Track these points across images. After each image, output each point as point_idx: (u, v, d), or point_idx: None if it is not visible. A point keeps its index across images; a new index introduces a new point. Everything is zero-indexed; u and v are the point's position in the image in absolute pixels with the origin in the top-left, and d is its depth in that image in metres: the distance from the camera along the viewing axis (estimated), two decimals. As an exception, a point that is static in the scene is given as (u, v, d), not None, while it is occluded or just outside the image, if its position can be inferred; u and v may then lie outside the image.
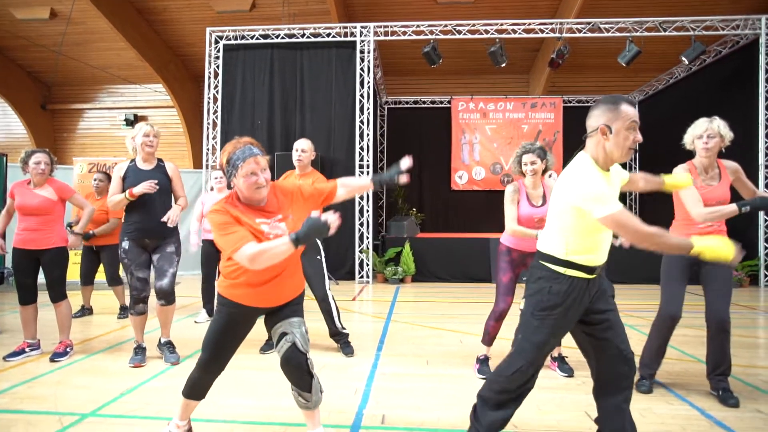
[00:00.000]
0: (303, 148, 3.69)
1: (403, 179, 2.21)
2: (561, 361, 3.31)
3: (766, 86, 7.52)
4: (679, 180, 2.45)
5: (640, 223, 1.66)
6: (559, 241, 1.85)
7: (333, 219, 1.72)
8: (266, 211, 1.96)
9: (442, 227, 11.20)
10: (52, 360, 3.44)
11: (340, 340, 3.75)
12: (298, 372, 1.96)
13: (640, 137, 1.78)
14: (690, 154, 2.91)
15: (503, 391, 1.93)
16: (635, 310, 5.50)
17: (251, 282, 1.95)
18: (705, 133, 2.74)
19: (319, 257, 3.71)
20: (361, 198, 8.14)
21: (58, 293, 3.57)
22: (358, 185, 2.29)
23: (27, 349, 3.59)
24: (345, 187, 2.22)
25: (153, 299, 3.46)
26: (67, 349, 3.57)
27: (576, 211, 1.76)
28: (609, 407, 1.93)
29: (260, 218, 1.93)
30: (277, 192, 2.05)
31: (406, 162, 2.21)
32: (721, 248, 1.66)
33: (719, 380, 2.77)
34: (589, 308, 1.90)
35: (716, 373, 2.78)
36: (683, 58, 8.26)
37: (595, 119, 1.81)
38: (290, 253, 1.77)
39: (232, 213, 1.88)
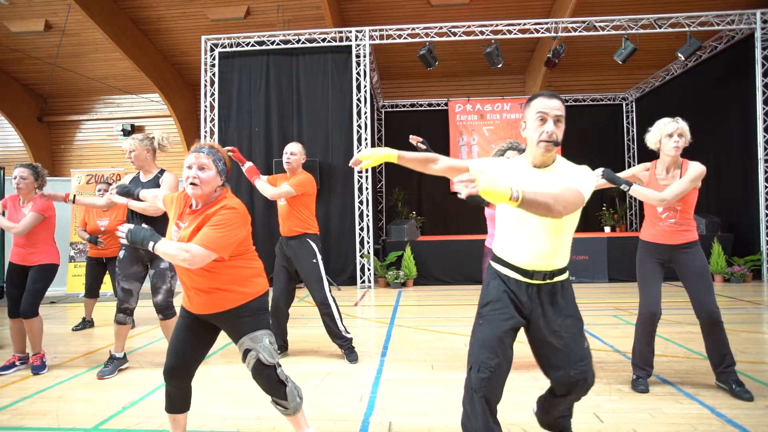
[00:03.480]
0: (292, 151, 3.70)
1: None
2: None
3: (763, 80, 7.52)
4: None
5: (448, 158, 2.00)
6: (495, 236, 1.91)
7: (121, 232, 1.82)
8: (193, 214, 1.98)
9: (442, 230, 11.18)
10: (34, 373, 3.42)
11: (344, 345, 3.69)
12: (269, 383, 2.00)
13: (549, 128, 1.68)
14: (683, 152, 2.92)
15: (472, 409, 1.73)
16: (634, 308, 5.46)
17: (184, 289, 2.02)
18: (675, 132, 2.76)
19: (315, 260, 3.65)
20: (361, 203, 8.12)
21: (30, 307, 3.44)
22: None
23: (17, 363, 3.58)
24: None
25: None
26: (44, 360, 3.56)
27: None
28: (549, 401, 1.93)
29: (180, 221, 2.00)
30: (217, 201, 1.97)
31: None
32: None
33: (729, 373, 2.76)
34: (540, 324, 1.77)
35: (724, 366, 2.77)
36: (679, 55, 8.26)
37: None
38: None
39: (177, 195, 2.08)
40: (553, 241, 1.74)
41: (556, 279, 1.78)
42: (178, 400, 2.08)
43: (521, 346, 2.14)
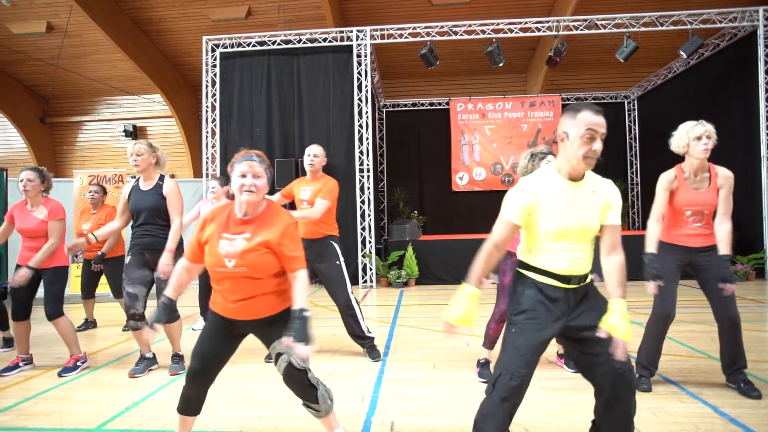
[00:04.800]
0: (315, 153, 3.68)
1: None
2: (568, 356, 3.28)
3: (765, 78, 7.48)
4: (615, 328, 1.73)
5: (492, 238, 1.81)
6: (524, 244, 1.87)
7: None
8: (245, 225, 1.97)
9: (444, 229, 11.17)
10: (60, 375, 3.42)
11: (366, 344, 3.72)
12: (301, 387, 2.01)
13: (597, 147, 1.67)
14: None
15: (492, 413, 1.75)
16: (641, 306, 5.45)
17: (220, 294, 2.02)
18: (704, 134, 2.75)
19: (338, 262, 3.66)
20: (362, 202, 8.12)
21: (54, 310, 3.49)
22: (296, 296, 1.96)
23: (21, 364, 3.60)
24: (295, 286, 1.95)
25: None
26: (78, 363, 3.55)
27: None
28: (611, 425, 1.83)
29: (228, 233, 1.95)
30: (271, 213, 2.01)
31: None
32: (456, 313, 1.80)
33: (738, 374, 2.76)
34: (574, 324, 1.79)
35: (734, 368, 2.77)
36: (681, 53, 8.24)
37: (559, 126, 1.79)
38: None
39: (207, 219, 2.03)
40: (587, 248, 1.80)
41: (587, 281, 1.84)
42: (194, 402, 2.10)
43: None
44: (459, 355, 3.73)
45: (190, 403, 2.09)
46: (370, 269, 8.01)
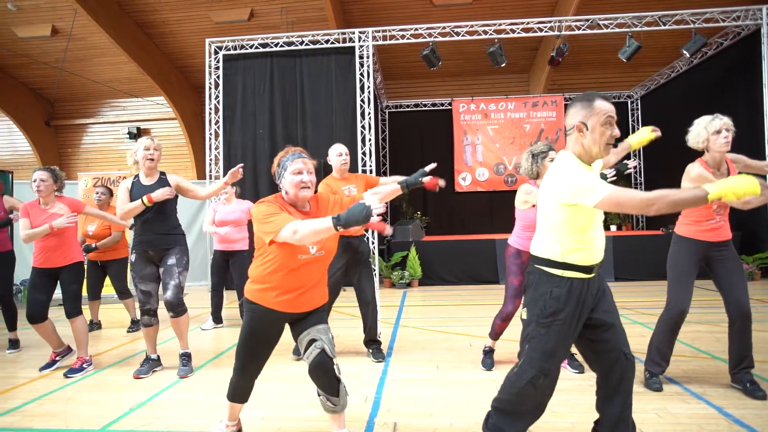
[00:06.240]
0: (346, 152, 3.75)
1: (427, 180, 2.32)
2: (571, 358, 3.29)
3: (769, 76, 7.44)
4: (642, 136, 2.68)
5: (637, 193, 1.61)
6: (552, 242, 1.84)
7: (377, 206, 1.71)
8: (309, 215, 2.06)
9: (447, 230, 11.16)
10: (66, 376, 3.44)
11: (372, 345, 3.76)
12: (327, 377, 2.03)
13: (617, 132, 1.77)
14: (691, 150, 2.91)
15: (516, 403, 1.87)
16: (644, 307, 5.44)
17: (281, 288, 2.02)
18: (723, 127, 2.74)
19: (370, 259, 3.73)
20: (365, 203, 8.12)
21: (73, 308, 3.59)
22: (388, 191, 2.37)
23: (58, 359, 3.68)
24: (376, 194, 2.28)
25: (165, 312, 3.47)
26: (84, 365, 3.57)
27: (565, 209, 1.76)
28: (613, 416, 1.87)
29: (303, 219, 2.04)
30: (319, 201, 2.18)
31: (430, 165, 2.34)
32: (741, 185, 1.53)
33: (745, 374, 2.75)
34: (594, 311, 1.87)
35: (741, 367, 2.76)
36: (684, 52, 8.20)
37: (571, 117, 1.81)
38: (329, 234, 1.77)
39: (279, 204, 2.01)
40: (601, 233, 1.87)
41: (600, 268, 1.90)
42: (247, 391, 2.19)
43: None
44: (462, 356, 3.74)
45: (243, 392, 2.18)
46: (374, 270, 8.01)
